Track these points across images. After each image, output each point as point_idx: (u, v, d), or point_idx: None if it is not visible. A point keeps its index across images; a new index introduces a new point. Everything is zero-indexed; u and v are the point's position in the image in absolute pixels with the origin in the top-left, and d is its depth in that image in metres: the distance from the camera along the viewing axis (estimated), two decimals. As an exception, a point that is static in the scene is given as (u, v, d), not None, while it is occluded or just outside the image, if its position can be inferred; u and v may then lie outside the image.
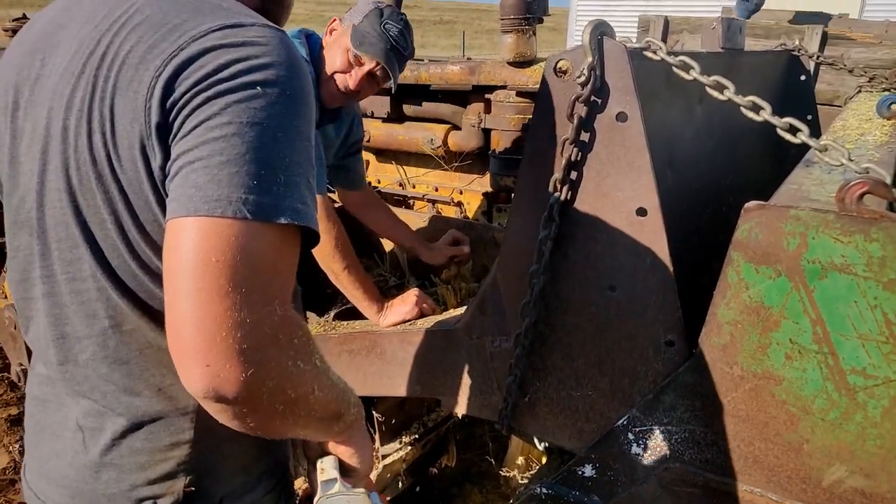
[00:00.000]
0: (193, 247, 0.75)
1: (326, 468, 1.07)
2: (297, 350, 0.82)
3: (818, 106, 2.92)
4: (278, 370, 0.79)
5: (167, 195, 0.81)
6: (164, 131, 0.80)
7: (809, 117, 2.79)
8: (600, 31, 1.27)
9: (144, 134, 0.81)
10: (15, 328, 3.05)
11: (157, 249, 0.87)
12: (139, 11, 0.86)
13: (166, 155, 0.81)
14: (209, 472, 1.01)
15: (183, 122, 0.79)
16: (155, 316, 0.92)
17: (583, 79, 1.26)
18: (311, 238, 0.85)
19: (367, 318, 2.06)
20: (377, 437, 2.44)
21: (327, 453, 1.09)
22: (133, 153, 0.82)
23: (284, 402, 0.81)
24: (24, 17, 3.18)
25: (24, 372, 3.14)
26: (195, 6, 0.86)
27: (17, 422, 3.24)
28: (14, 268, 0.99)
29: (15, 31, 3.07)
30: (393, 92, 2.10)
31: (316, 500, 1.05)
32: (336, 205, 2.99)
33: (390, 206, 2.89)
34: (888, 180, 1.06)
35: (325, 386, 0.90)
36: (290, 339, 0.81)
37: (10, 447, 3.06)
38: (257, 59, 0.80)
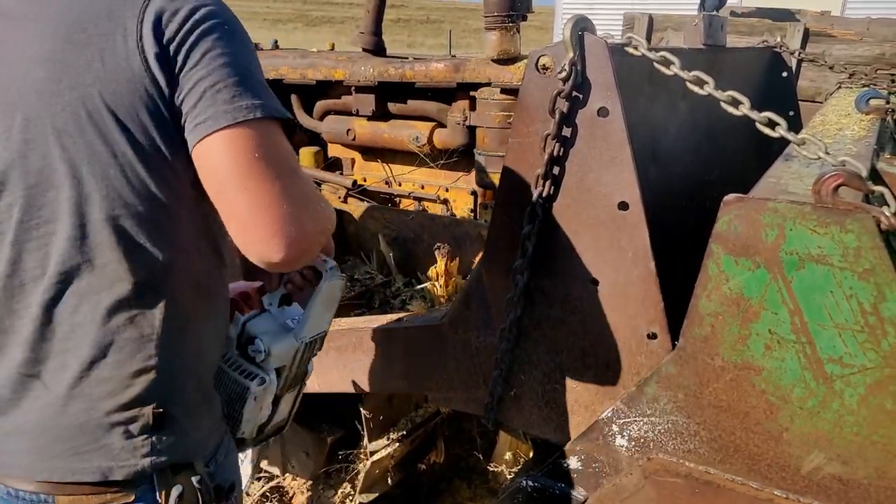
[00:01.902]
0: (237, 152, 0.95)
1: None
2: (318, 195, 1.09)
3: (800, 102, 2.95)
4: (325, 217, 1.06)
5: (185, 118, 0.98)
6: (165, 62, 0.96)
7: (791, 113, 2.82)
8: (581, 27, 1.28)
9: (142, 67, 0.95)
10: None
11: (153, 170, 1.00)
12: None
13: (173, 85, 0.97)
14: (173, 395, 1.09)
15: (188, 56, 0.96)
16: (130, 249, 1.01)
17: (564, 74, 1.27)
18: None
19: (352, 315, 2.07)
20: (365, 433, 2.45)
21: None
22: (132, 86, 0.96)
23: (321, 231, 1.05)
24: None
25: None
26: None
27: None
28: None
29: None
30: None
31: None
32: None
33: (377, 205, 2.90)
34: (863, 173, 1.07)
35: (326, 204, 1.14)
36: (315, 191, 1.08)
37: None
38: (208, 6, 1.00)
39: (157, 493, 1.07)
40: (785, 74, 2.88)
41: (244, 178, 0.95)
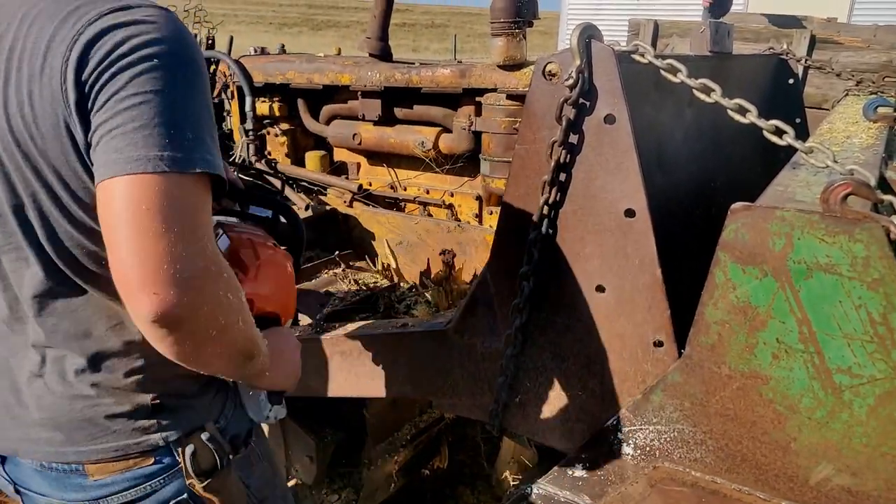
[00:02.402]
0: (124, 201, 0.88)
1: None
2: (227, 283, 0.97)
3: (807, 109, 2.95)
4: (212, 297, 0.94)
5: (92, 163, 0.93)
6: (83, 107, 0.92)
7: (798, 120, 2.82)
8: (588, 35, 1.28)
9: (66, 113, 0.93)
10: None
11: (89, 209, 0.99)
12: (35, 5, 0.96)
13: (87, 127, 0.93)
14: (166, 385, 1.16)
15: (96, 97, 0.91)
16: (91, 270, 1.05)
17: (571, 81, 1.27)
18: (220, 186, 1.00)
19: (355, 320, 2.07)
20: (369, 438, 2.44)
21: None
22: (58, 131, 0.94)
23: (217, 327, 0.95)
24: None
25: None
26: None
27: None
28: None
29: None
30: None
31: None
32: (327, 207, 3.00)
33: (382, 209, 2.90)
34: (872, 182, 1.07)
35: (246, 320, 1.04)
36: (221, 273, 0.96)
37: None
38: (148, 34, 0.93)
39: (175, 454, 1.17)
40: (791, 81, 2.88)
41: (122, 231, 0.89)
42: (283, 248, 1.37)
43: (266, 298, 1.26)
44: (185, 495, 1.18)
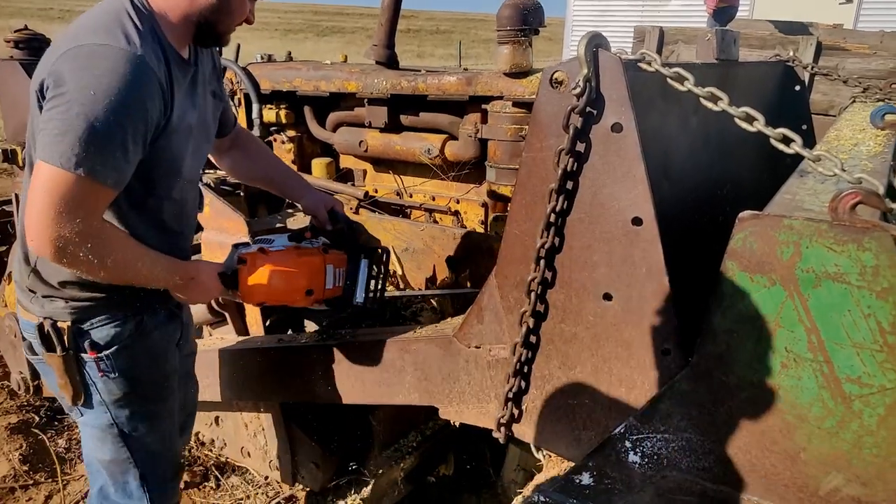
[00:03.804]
0: (36, 179, 1.40)
1: None
2: (93, 247, 1.45)
3: (813, 116, 2.94)
4: (74, 252, 1.44)
5: None
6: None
7: (804, 127, 2.81)
8: (596, 43, 1.28)
9: (37, 115, 1.44)
10: (15, 336, 3.04)
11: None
12: (55, 38, 1.51)
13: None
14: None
15: (42, 108, 1.42)
16: None
17: (578, 90, 1.27)
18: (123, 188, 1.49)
19: (363, 326, 2.07)
20: (375, 444, 2.44)
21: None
22: (33, 127, 1.47)
23: (77, 264, 1.47)
24: (26, 28, 3.17)
25: (24, 380, 3.13)
26: (76, 31, 1.46)
27: (16, 430, 3.21)
28: None
29: (17, 43, 3.05)
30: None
31: None
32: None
33: (388, 216, 2.90)
34: (881, 191, 1.07)
35: (117, 261, 1.51)
36: (85, 240, 1.43)
37: (10, 455, 3.04)
38: (94, 69, 1.38)
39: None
40: (798, 88, 2.87)
41: (32, 197, 1.41)
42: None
43: (270, 292, 1.78)
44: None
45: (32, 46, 3.09)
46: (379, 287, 1.99)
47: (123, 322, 1.70)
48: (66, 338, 1.66)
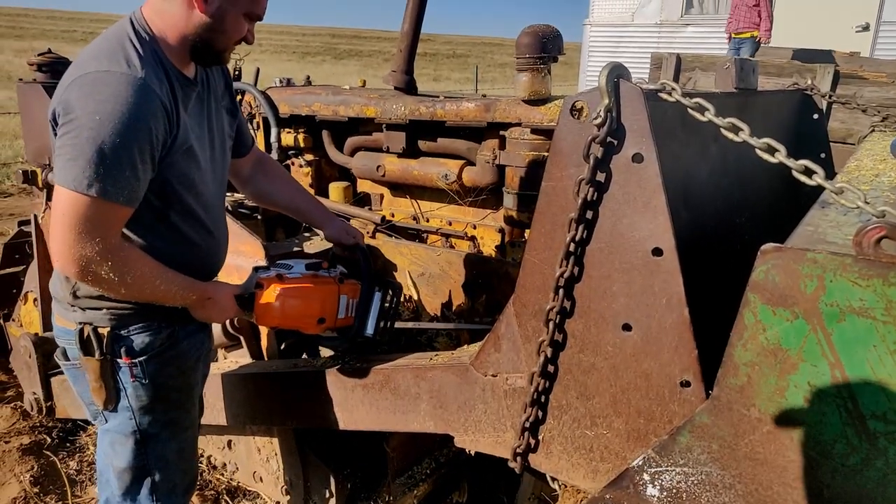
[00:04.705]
0: (55, 203, 1.50)
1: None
2: (113, 265, 1.54)
3: (831, 144, 2.93)
4: (94, 271, 1.53)
5: None
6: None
7: (823, 155, 2.80)
8: (617, 74, 1.29)
9: (53, 141, 1.53)
10: (30, 357, 3.07)
11: None
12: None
13: None
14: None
15: (56, 135, 1.51)
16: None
17: (599, 120, 1.28)
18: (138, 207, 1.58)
19: (381, 354, 2.06)
20: (389, 471, 2.42)
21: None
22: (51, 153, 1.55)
23: (99, 283, 1.56)
24: (49, 51, 3.24)
25: (38, 401, 3.14)
26: (83, 60, 1.55)
27: (28, 451, 3.22)
28: None
29: (40, 66, 3.12)
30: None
31: None
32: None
33: (405, 241, 2.91)
34: (905, 224, 1.06)
35: (136, 278, 1.60)
36: (105, 259, 1.52)
37: (21, 476, 3.05)
38: (98, 95, 1.46)
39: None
40: (816, 117, 2.87)
41: (53, 220, 1.51)
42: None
43: (284, 317, 1.84)
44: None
45: (55, 70, 3.15)
46: (389, 320, 2.04)
47: (158, 331, 1.78)
48: (104, 343, 1.74)
